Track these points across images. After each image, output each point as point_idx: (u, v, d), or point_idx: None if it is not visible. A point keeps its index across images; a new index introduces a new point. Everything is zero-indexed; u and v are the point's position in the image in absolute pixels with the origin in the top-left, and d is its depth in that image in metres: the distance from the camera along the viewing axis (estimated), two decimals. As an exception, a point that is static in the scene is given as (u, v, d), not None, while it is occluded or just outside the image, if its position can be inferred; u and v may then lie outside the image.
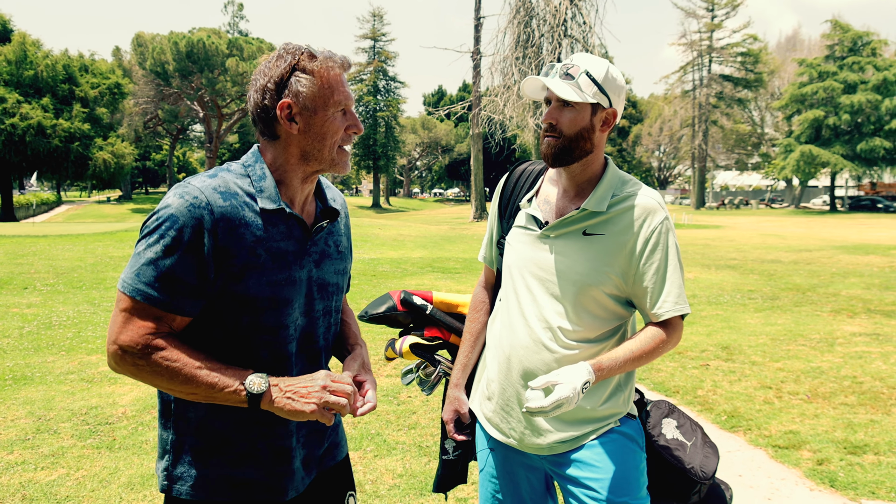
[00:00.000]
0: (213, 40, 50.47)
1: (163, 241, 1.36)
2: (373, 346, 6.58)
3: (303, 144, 1.50)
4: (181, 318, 1.42)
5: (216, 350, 1.45)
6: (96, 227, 23.94)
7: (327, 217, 1.62)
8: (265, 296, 1.45)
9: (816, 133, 48.52)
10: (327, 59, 1.49)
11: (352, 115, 1.54)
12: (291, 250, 1.50)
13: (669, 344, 1.76)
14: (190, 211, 1.37)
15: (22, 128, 35.39)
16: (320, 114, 1.48)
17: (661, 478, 1.89)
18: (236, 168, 1.51)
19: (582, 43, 30.81)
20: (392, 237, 21.14)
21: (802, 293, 10.36)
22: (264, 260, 1.45)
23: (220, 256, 1.40)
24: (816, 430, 4.40)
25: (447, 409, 2.04)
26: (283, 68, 1.46)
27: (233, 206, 1.42)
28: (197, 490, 1.49)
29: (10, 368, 5.75)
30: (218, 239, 1.39)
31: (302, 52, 1.48)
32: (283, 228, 1.49)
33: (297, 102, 1.46)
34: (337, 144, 1.52)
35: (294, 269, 1.50)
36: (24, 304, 8.76)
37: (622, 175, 1.82)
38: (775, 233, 26.14)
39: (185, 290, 1.39)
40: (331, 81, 1.48)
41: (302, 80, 1.46)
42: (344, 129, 1.52)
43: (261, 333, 1.47)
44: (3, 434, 4.24)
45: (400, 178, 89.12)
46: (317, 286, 1.57)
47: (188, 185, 1.41)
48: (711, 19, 57.54)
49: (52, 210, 50.51)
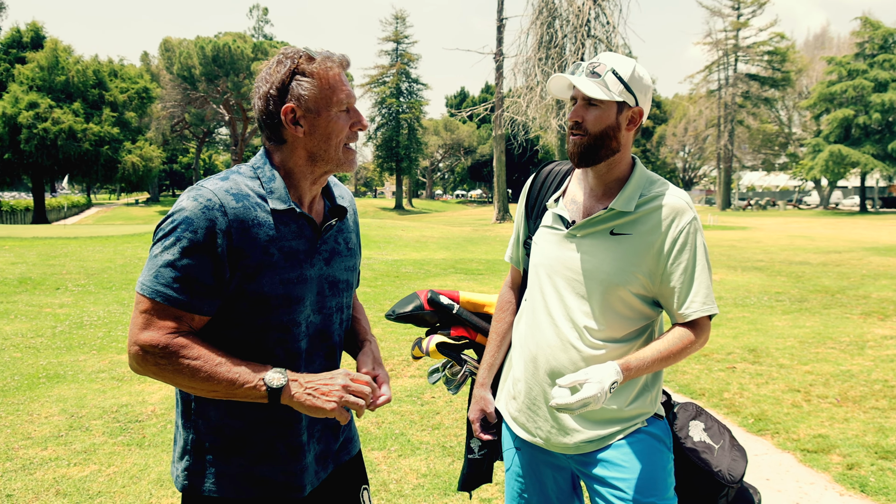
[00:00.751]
0: (238, 44, 51.08)
1: (179, 243, 1.40)
2: (397, 345, 6.62)
3: (309, 146, 1.52)
4: (199, 317, 1.45)
5: (232, 348, 1.48)
6: (125, 228, 24.35)
7: (336, 215, 1.64)
8: (278, 294, 1.48)
9: (846, 132, 47.66)
10: (326, 60, 1.50)
11: (355, 112, 1.55)
12: (303, 249, 1.53)
13: (697, 344, 1.75)
14: (204, 213, 1.40)
15: (54, 132, 36.11)
16: (324, 114, 1.50)
17: (688, 481, 1.88)
18: (246, 170, 1.54)
19: (605, 43, 30.62)
20: (415, 238, 21.19)
21: (832, 295, 10.19)
22: (277, 259, 1.48)
23: (235, 256, 1.44)
24: (846, 434, 4.34)
25: (473, 409, 2.05)
26: (284, 73, 1.48)
27: (245, 206, 1.45)
28: (220, 487, 1.52)
29: (43, 367, 5.88)
30: (232, 240, 1.42)
31: (300, 55, 1.50)
32: (294, 228, 1.52)
33: (300, 106, 1.48)
34: (342, 143, 1.54)
35: (305, 267, 1.53)
36: (57, 304, 8.95)
37: (650, 175, 1.81)
38: (803, 234, 25.73)
39: (202, 290, 1.42)
40: (331, 81, 1.50)
41: (303, 84, 1.48)
42: (349, 127, 1.54)
43: (274, 331, 1.50)
44: (37, 430, 4.34)
45: (422, 180, 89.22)
46: (328, 283, 1.60)
47: (201, 188, 1.44)
48: (737, 18, 56.78)
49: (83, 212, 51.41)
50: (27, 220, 38.92)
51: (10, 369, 5.79)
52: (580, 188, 1.86)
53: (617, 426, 1.77)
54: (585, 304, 1.76)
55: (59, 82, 38.28)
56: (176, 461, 1.58)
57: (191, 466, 1.54)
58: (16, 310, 8.46)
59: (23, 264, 12.61)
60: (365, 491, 1.77)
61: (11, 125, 36.01)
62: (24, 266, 12.38)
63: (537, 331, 1.84)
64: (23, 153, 36.28)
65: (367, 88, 64.47)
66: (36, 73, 38.05)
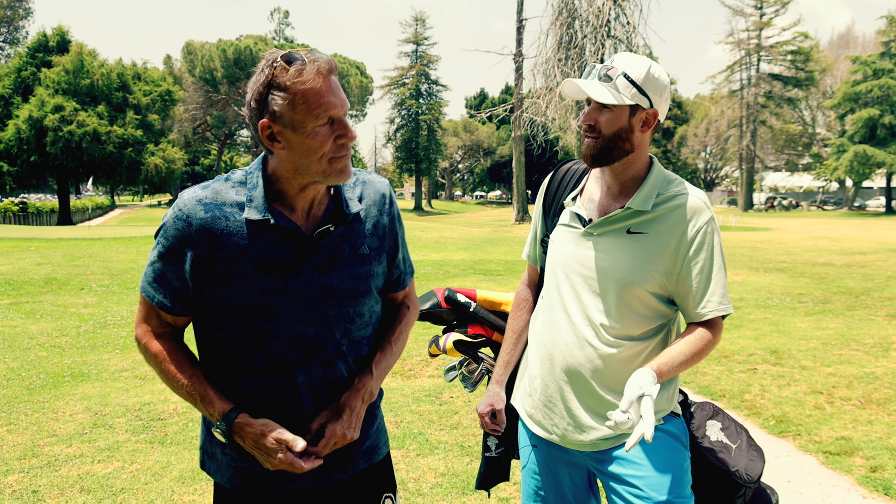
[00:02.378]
0: (259, 47, 51.57)
1: (157, 248, 1.51)
2: (416, 346, 6.64)
3: (292, 160, 1.43)
4: (175, 317, 1.55)
5: (218, 351, 1.54)
6: (148, 230, 24.66)
7: (332, 222, 1.53)
8: (251, 304, 1.47)
9: (871, 132, 46.90)
10: (300, 71, 1.36)
11: (340, 123, 1.42)
12: (284, 259, 1.48)
13: (713, 343, 1.76)
14: (174, 223, 1.47)
15: (79, 135, 36.69)
16: (299, 131, 1.39)
17: (705, 480, 1.87)
18: (238, 176, 1.52)
19: (625, 43, 30.45)
20: (434, 239, 21.23)
21: (856, 297, 10.04)
22: (248, 269, 1.46)
23: (202, 265, 1.46)
24: (870, 436, 4.27)
25: (483, 402, 2.03)
26: (261, 84, 1.39)
27: (214, 217, 1.46)
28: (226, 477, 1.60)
29: (68, 366, 5.99)
30: (197, 249, 1.46)
31: (277, 63, 1.37)
32: (273, 237, 1.47)
33: (276, 122, 1.39)
34: (327, 157, 1.42)
35: (286, 277, 1.48)
36: (81, 304, 9.10)
37: (667, 174, 1.81)
38: (827, 235, 25.37)
39: (173, 293, 1.51)
40: (307, 96, 1.36)
41: (276, 99, 1.37)
42: (333, 140, 1.41)
43: (252, 339, 1.50)
44: (62, 428, 4.42)
45: (442, 181, 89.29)
46: (322, 293, 1.52)
47: (180, 198, 1.50)
48: (760, 17, 56.08)
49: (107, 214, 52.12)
50: (53, 222, 39.56)
51: (35, 368, 5.90)
52: (597, 187, 1.87)
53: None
54: (602, 301, 1.76)
55: (83, 85, 38.89)
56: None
57: (202, 448, 1.66)
58: (41, 309, 8.61)
59: (48, 265, 12.83)
60: (388, 499, 1.72)
61: (37, 128, 36.66)
62: (50, 267, 12.60)
63: (553, 328, 1.84)
64: (48, 156, 36.91)
65: (386, 90, 64.74)
66: (61, 76, 38.69)
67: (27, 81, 39.82)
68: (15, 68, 40.70)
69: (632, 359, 1.75)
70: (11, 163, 37.37)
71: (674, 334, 1.84)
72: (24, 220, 36.55)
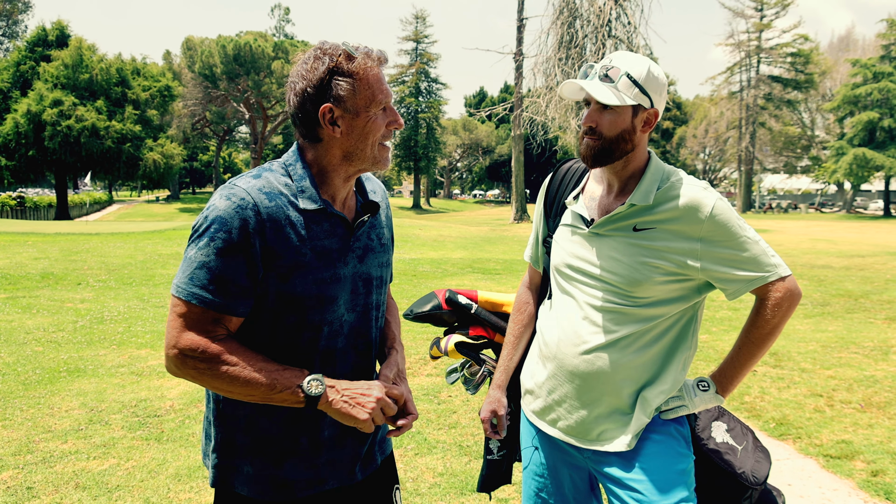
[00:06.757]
0: (259, 43, 51.45)
1: (213, 243, 1.37)
2: (414, 344, 6.61)
3: (345, 146, 1.48)
4: (235, 319, 1.43)
5: (263, 348, 1.47)
6: (146, 225, 24.62)
7: (368, 211, 1.61)
8: (311, 294, 1.46)
9: (870, 135, 46.95)
10: (366, 59, 1.45)
11: (391, 110, 1.52)
12: (335, 248, 1.50)
13: (781, 309, 1.69)
14: (237, 212, 1.38)
15: (77, 129, 36.62)
16: (362, 115, 1.46)
17: (710, 482, 1.85)
18: (277, 168, 1.51)
19: (626, 44, 30.43)
20: (432, 238, 21.20)
21: (855, 300, 10.04)
22: (310, 259, 1.45)
23: (268, 256, 1.41)
24: (871, 440, 4.26)
25: (485, 409, 2.02)
26: (322, 71, 1.43)
27: (278, 206, 1.42)
28: (248, 487, 1.52)
29: (64, 361, 5.95)
30: (266, 239, 1.40)
31: (339, 52, 1.44)
32: (327, 227, 1.49)
33: (339, 106, 1.44)
34: (378, 142, 1.51)
35: (339, 266, 1.50)
36: (78, 299, 9.06)
37: (665, 167, 1.78)
38: (826, 237, 25.37)
39: (237, 292, 1.40)
40: (371, 81, 1.46)
41: (342, 84, 1.43)
42: (385, 126, 1.51)
43: (306, 331, 1.48)
44: (58, 424, 4.39)
45: (440, 180, 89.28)
46: (362, 281, 1.57)
47: (234, 187, 1.42)
48: (760, 19, 56.12)
49: (105, 209, 52.10)
50: (50, 217, 39.52)
51: (31, 363, 5.86)
52: (599, 185, 1.84)
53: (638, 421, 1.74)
54: (607, 301, 1.73)
55: (82, 80, 38.82)
56: (208, 453, 1.58)
57: (219, 464, 1.54)
58: (38, 304, 8.57)
59: (45, 259, 12.78)
60: (397, 491, 1.75)
61: (36, 122, 36.58)
62: (47, 261, 12.55)
63: (558, 328, 1.82)
64: (46, 150, 36.83)
65: (386, 87, 64.58)
66: (60, 71, 38.61)
67: (26, 75, 39.73)
68: (14, 62, 40.59)
69: (638, 359, 1.72)
70: (9, 157, 37.28)
71: (689, 337, 1.79)
72: (21, 215, 36.52)
